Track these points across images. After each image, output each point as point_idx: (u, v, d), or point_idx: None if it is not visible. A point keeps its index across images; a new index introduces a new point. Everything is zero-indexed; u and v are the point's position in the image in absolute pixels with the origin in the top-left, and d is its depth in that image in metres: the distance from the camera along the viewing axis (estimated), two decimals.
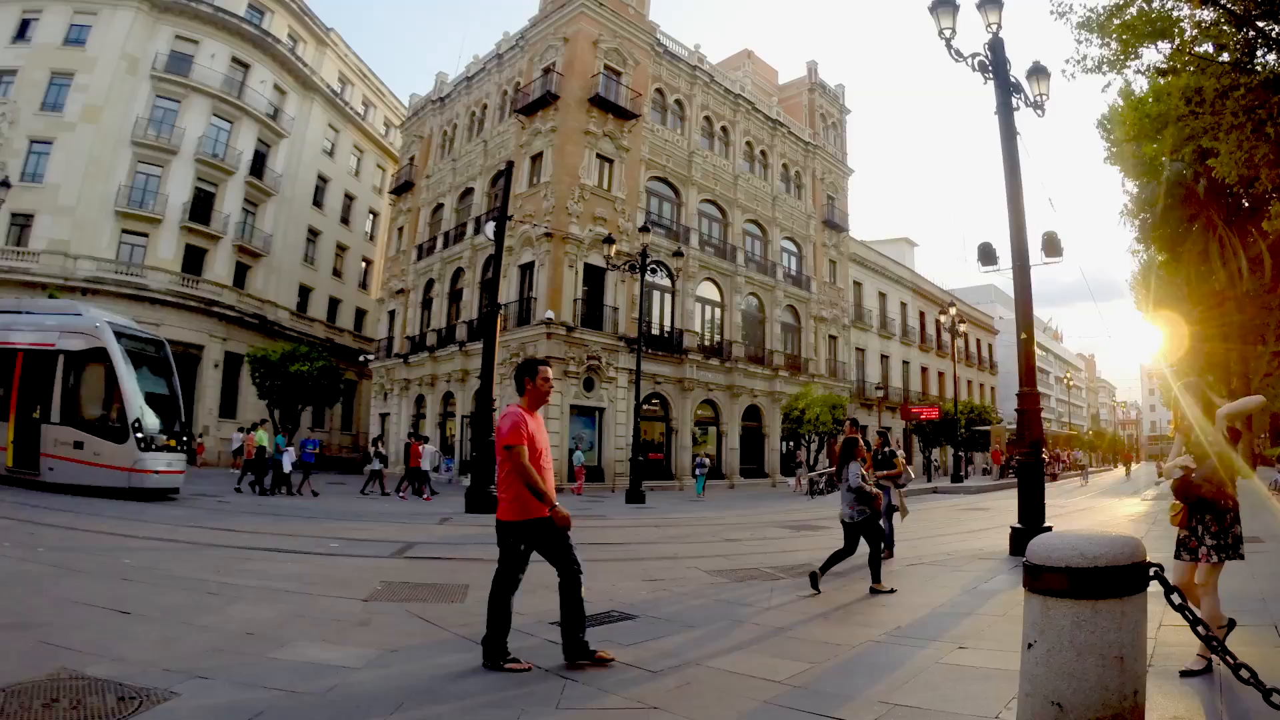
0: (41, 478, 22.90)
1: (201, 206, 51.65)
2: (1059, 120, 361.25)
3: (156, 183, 49.69)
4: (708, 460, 41.79)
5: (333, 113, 65.12)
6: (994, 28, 15.76)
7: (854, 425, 16.92)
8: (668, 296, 46.30)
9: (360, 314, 69.17)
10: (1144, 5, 22.05)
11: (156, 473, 23.33)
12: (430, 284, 51.88)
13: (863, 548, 11.77)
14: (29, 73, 48.08)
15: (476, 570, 12.51)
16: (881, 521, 13.00)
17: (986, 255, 22.22)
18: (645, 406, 40.30)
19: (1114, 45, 22.84)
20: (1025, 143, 33.94)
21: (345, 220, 67.76)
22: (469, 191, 50.64)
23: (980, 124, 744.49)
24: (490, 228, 27.27)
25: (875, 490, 11.83)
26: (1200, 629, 4.73)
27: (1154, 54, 23.87)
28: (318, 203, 63.41)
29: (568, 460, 38.21)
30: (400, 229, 58.42)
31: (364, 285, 70.28)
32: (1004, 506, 27.38)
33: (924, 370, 77.22)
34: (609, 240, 34.74)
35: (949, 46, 15.51)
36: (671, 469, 45.12)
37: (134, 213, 48.65)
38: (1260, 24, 21.75)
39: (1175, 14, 22.36)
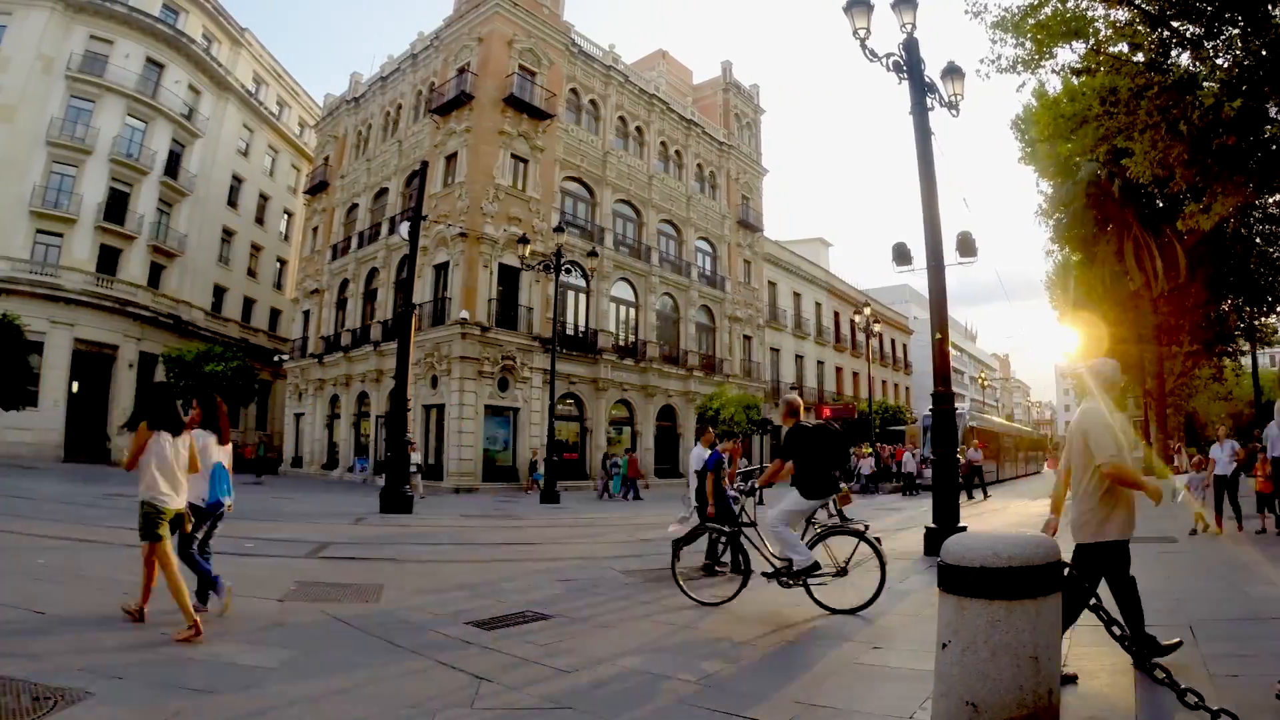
0: None
1: (116, 206, 51.04)
2: (974, 120, 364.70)
3: (71, 182, 49.03)
4: (620, 461, 42.10)
5: (247, 113, 64.56)
6: (908, 28, 15.72)
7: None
8: (583, 297, 46.62)
9: (275, 314, 68.64)
10: (1059, 5, 22.20)
11: None
12: (345, 284, 51.64)
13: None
14: None
15: (392, 570, 12.75)
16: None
17: (901, 255, 22.19)
18: (560, 406, 40.46)
19: (1029, 45, 23.01)
20: (940, 143, 34.32)
21: (260, 220, 67.25)
22: (384, 191, 50.50)
23: (896, 124, 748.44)
24: (405, 228, 27.18)
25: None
26: (1115, 629, 4.75)
27: (1069, 54, 24.03)
28: (232, 203, 62.84)
29: (482, 460, 38.42)
30: (315, 229, 58.01)
31: (279, 285, 69.75)
32: (919, 506, 27.61)
33: (839, 370, 77.55)
34: (524, 240, 34.76)
35: (864, 46, 15.44)
36: (586, 469, 45.28)
37: (48, 213, 47.98)
38: (1175, 24, 22.09)
39: (1090, 14, 22.57)
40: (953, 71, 16.58)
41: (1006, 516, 25.10)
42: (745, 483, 12.45)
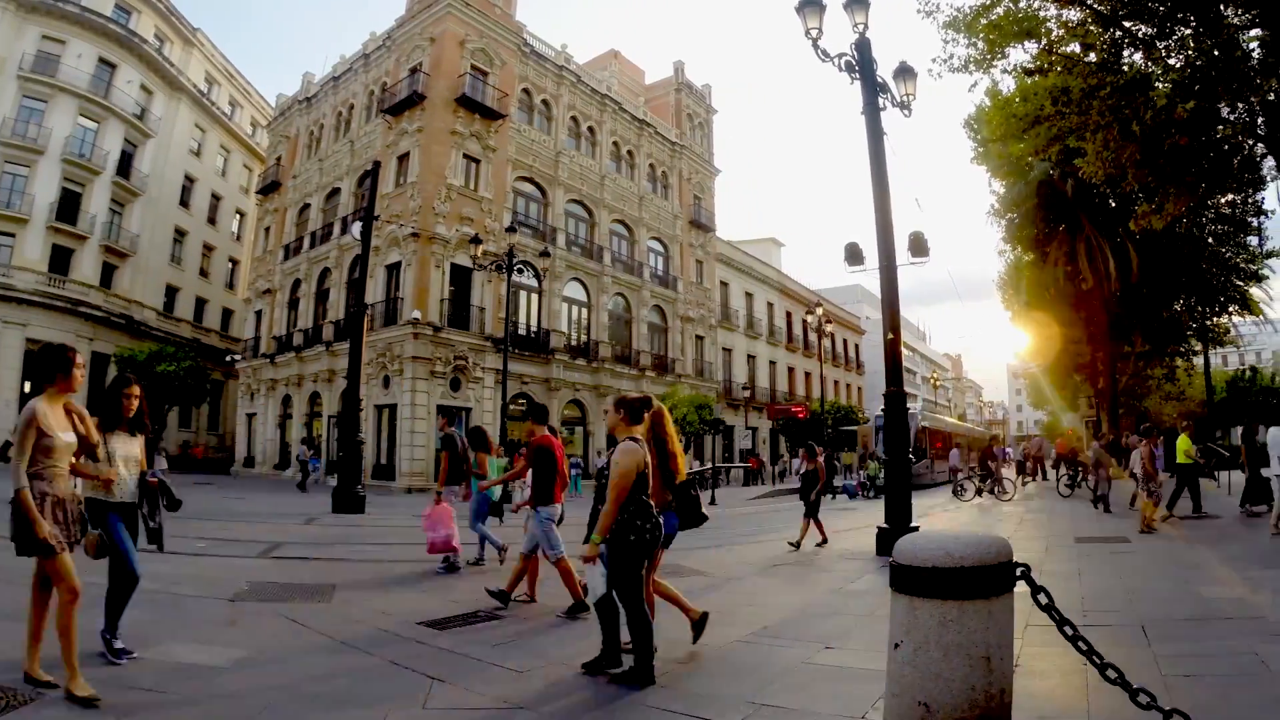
0: None
1: (68, 206, 50.86)
2: (927, 120, 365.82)
3: (23, 182, 48.82)
4: (582, 461, 42.19)
5: (199, 113, 64.28)
6: (860, 28, 15.69)
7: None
8: (534, 297, 46.76)
9: (227, 314, 68.31)
10: (1010, 5, 22.27)
11: None
12: (297, 284, 51.61)
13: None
14: None
15: (344, 570, 12.72)
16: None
17: (853, 255, 22.01)
18: (512, 407, 40.45)
19: (981, 45, 23.05)
20: (892, 142, 34.64)
21: (212, 220, 66.94)
22: (336, 192, 50.50)
23: (848, 125, 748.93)
24: (357, 228, 27.23)
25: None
26: (1067, 629, 4.62)
27: (1021, 54, 24.14)
28: (185, 203, 62.54)
29: (434, 460, 38.57)
30: (267, 229, 57.89)
31: (231, 285, 69.40)
32: (871, 506, 27.55)
33: (791, 370, 77.78)
34: (476, 240, 34.92)
35: (816, 46, 15.41)
36: None
37: (0, 213, 47.87)
38: (1127, 24, 22.33)
39: (1042, 14, 22.72)
40: (905, 71, 16.65)
41: (959, 516, 24.96)
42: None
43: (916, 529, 13.54)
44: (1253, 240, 41.01)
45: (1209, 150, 25.37)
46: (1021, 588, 4.62)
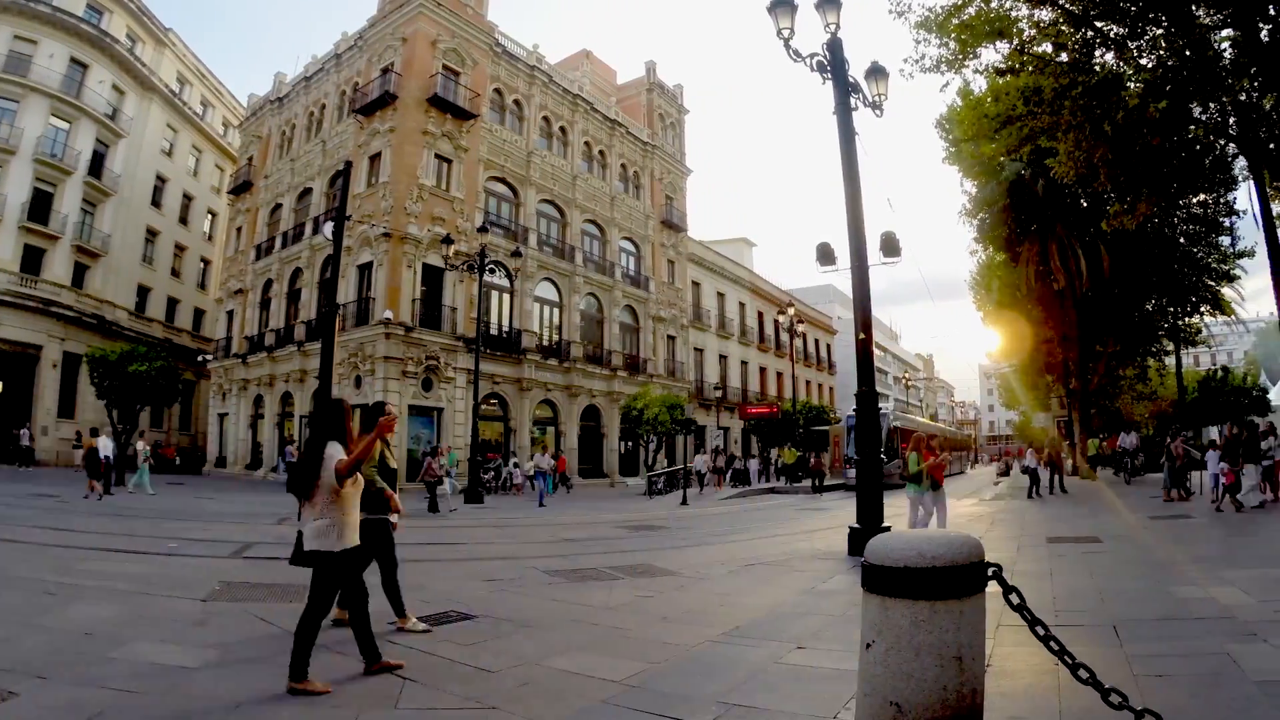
0: None
1: (40, 206, 50.45)
2: (899, 120, 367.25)
3: None
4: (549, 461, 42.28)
5: (171, 113, 63.84)
6: (832, 28, 15.67)
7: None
8: (506, 297, 46.74)
9: (199, 314, 67.90)
10: (982, 5, 22.39)
11: None
12: (269, 284, 51.49)
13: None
14: None
15: None
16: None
17: (825, 255, 21.91)
18: (484, 406, 40.47)
19: (952, 45, 23.15)
20: (864, 143, 34.60)
21: (184, 220, 66.49)
22: (307, 191, 50.36)
23: (820, 125, 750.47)
24: (329, 228, 27.15)
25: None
26: (1039, 629, 4.62)
27: (993, 54, 24.20)
28: (156, 203, 62.10)
29: (406, 460, 38.48)
30: (239, 229, 57.71)
31: (203, 285, 68.94)
32: (843, 506, 27.45)
33: (763, 370, 77.89)
34: (447, 240, 34.95)
35: (788, 47, 15.33)
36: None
37: None
38: (1099, 24, 22.42)
39: (1014, 14, 22.80)
40: (876, 72, 16.61)
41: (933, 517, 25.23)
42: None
43: (888, 529, 13.47)
44: (1224, 240, 41.25)
45: (1181, 150, 25.54)
46: (994, 588, 4.60)
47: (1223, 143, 26.47)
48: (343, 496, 6.79)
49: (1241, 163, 28.16)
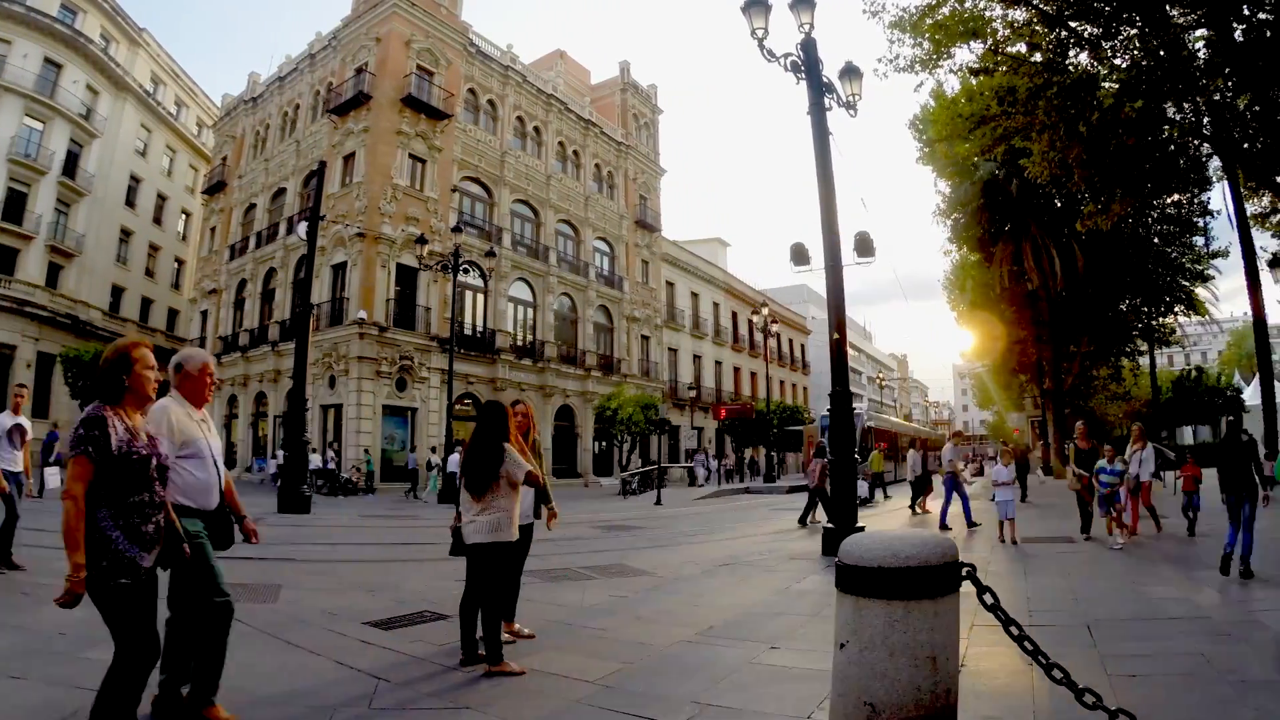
0: None
1: (14, 206, 50.17)
2: (873, 121, 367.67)
3: None
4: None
5: (145, 113, 63.61)
6: (806, 28, 15.62)
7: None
8: (480, 297, 46.72)
9: (173, 314, 67.57)
10: (956, 5, 22.46)
11: None
12: (243, 284, 51.26)
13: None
14: None
15: (289, 570, 12.48)
16: None
17: (799, 256, 21.81)
18: (458, 407, 40.25)
19: (926, 45, 23.22)
20: (838, 143, 34.66)
21: (158, 220, 66.32)
22: (281, 191, 50.19)
23: (794, 125, 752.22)
24: (303, 228, 27.09)
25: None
26: (1013, 629, 4.58)
27: (967, 54, 24.29)
28: (130, 203, 61.88)
29: (380, 459, 38.37)
30: (213, 229, 57.49)
31: (177, 285, 68.71)
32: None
33: (737, 370, 77.89)
34: (421, 240, 34.85)
35: (761, 47, 15.25)
36: None
37: None
38: (1073, 24, 22.48)
39: (988, 14, 22.86)
40: (850, 71, 16.60)
41: (906, 517, 24.98)
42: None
43: (862, 529, 13.35)
44: (1199, 240, 41.45)
45: (1155, 150, 25.58)
46: (967, 588, 4.56)
47: (1197, 143, 26.54)
48: (517, 493, 7.44)
49: (1216, 163, 28.30)
